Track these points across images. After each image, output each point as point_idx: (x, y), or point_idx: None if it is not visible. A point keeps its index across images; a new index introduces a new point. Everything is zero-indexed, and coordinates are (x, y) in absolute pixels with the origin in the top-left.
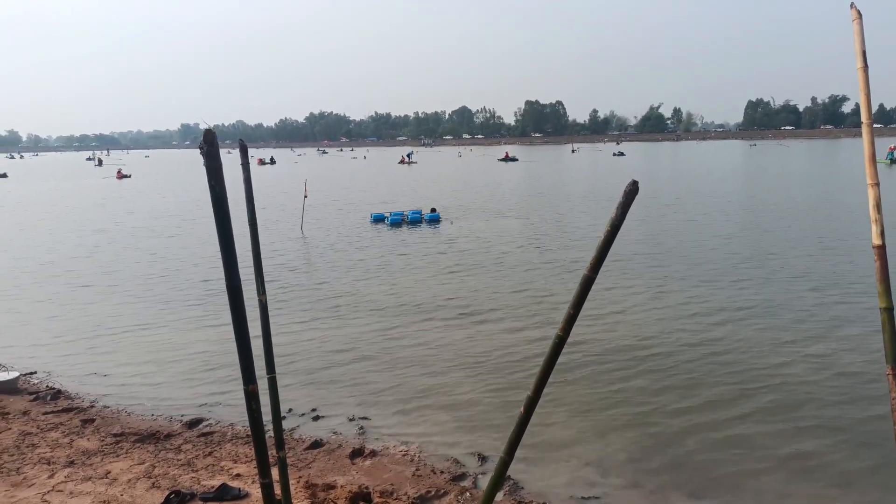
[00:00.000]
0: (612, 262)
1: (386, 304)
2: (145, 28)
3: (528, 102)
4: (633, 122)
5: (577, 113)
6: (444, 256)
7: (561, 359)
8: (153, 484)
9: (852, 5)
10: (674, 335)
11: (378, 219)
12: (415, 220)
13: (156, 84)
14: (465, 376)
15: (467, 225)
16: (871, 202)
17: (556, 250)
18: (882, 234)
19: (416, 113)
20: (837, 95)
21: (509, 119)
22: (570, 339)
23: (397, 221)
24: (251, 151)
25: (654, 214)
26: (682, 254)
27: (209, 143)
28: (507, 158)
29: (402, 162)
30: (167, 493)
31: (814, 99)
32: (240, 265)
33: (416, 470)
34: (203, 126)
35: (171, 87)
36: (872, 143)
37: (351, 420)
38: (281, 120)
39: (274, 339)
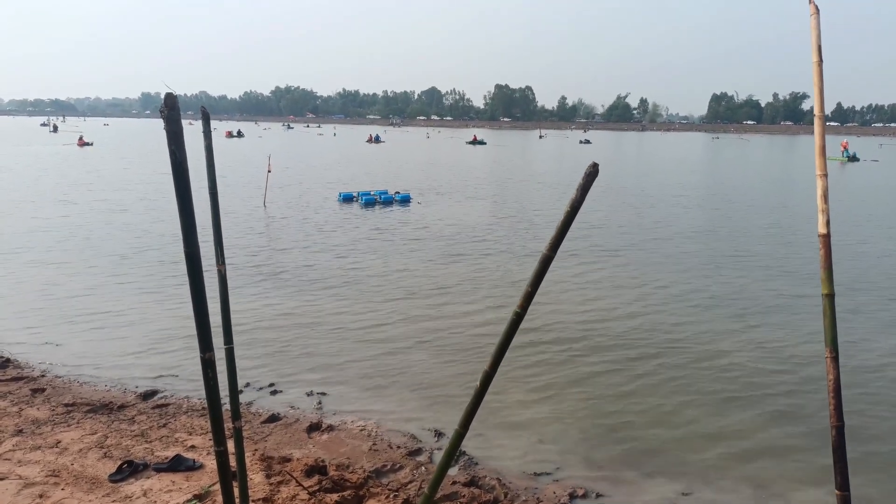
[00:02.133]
0: (588, 249)
1: (351, 282)
2: None
3: (497, 86)
4: (600, 110)
5: (546, 99)
6: (413, 237)
7: (522, 341)
8: (105, 454)
9: (811, 0)
10: (634, 321)
11: (347, 198)
12: (387, 201)
13: (116, 49)
14: (428, 356)
15: (437, 206)
16: (819, 192)
17: (526, 233)
18: (828, 223)
19: (385, 91)
20: (798, 92)
21: (479, 102)
22: (532, 324)
23: (370, 202)
24: (215, 124)
25: (624, 204)
26: (647, 244)
27: (170, 107)
28: (475, 141)
29: (369, 140)
30: (119, 462)
31: (775, 95)
32: (200, 236)
33: (373, 444)
34: (165, 90)
35: (132, 53)
36: (823, 136)
37: (309, 395)
38: (245, 93)
39: (234, 315)
